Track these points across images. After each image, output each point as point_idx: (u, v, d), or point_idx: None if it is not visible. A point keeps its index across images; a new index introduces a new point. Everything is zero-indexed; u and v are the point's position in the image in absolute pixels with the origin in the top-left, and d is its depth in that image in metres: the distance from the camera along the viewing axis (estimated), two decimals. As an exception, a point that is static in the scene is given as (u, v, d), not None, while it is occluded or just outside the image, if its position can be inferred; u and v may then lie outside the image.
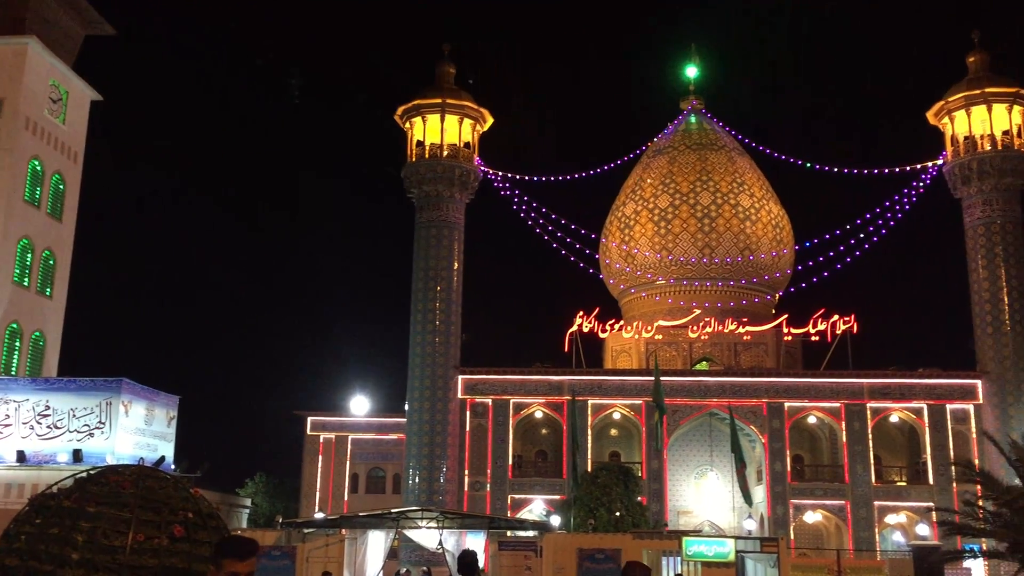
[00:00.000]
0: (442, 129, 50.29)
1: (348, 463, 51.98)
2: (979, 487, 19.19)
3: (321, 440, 52.27)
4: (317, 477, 51.65)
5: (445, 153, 49.93)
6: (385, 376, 68.43)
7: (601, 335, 50.78)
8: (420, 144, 50.70)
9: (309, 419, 52.84)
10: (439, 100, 50.23)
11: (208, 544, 6.46)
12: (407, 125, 51.45)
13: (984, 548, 25.89)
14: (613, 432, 50.54)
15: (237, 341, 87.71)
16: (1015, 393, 44.81)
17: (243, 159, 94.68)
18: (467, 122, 50.89)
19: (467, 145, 50.84)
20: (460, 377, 47.90)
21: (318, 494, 51.16)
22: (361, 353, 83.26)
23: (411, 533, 28.25)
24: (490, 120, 51.63)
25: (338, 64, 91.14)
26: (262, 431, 70.49)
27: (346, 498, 50.94)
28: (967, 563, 32.77)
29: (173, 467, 43.33)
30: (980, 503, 19.85)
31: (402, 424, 48.98)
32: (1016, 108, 48.11)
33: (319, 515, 43.86)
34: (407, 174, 50.31)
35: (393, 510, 28.74)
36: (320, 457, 51.94)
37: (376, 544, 27.79)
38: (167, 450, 31.45)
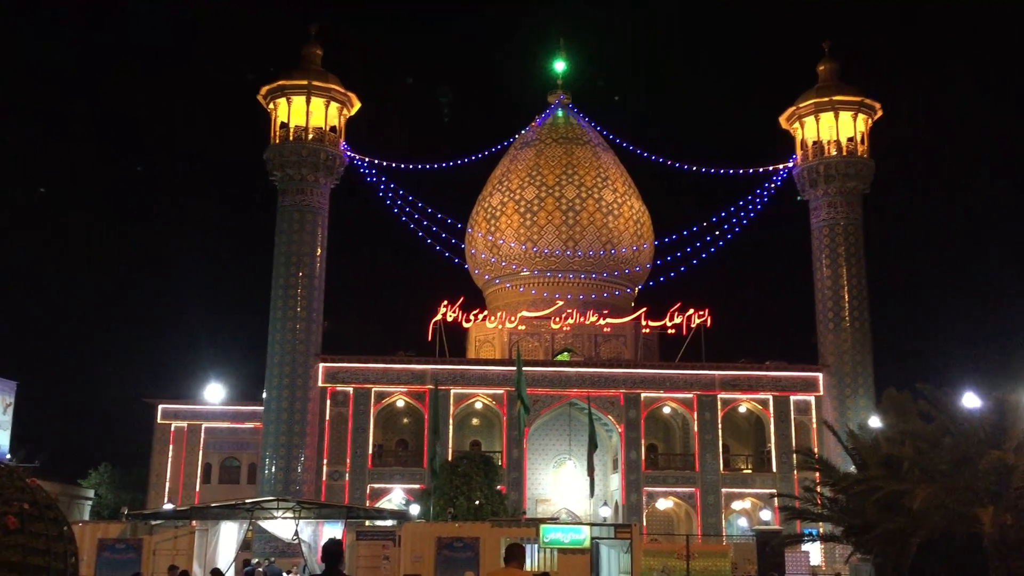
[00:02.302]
0: (308, 112, 49.20)
1: (201, 452, 50.27)
2: (818, 474, 20.24)
3: (172, 429, 50.33)
4: (167, 467, 49.71)
5: (310, 136, 48.89)
6: (242, 363, 66.43)
7: (465, 325, 50.94)
8: (284, 126, 49.45)
9: (160, 407, 50.78)
10: (305, 82, 49.12)
11: (44, 536, 6.08)
12: (271, 106, 50.07)
13: (821, 532, 27.41)
14: (475, 421, 50.82)
15: (82, 324, 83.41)
16: (852, 386, 47.59)
17: (90, 134, 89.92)
18: (334, 105, 49.95)
19: (333, 129, 49.93)
20: (321, 365, 47.09)
21: (168, 485, 49.25)
22: (217, 339, 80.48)
23: (266, 524, 27.56)
24: (357, 105, 50.85)
25: (200, 42, 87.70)
26: (108, 419, 67.15)
27: (198, 489, 49.25)
28: (805, 546, 34.55)
29: (8, 456, 40.93)
30: (819, 490, 20.91)
31: (259, 413, 47.79)
32: (861, 116, 50.95)
33: (168, 506, 42.25)
34: (270, 156, 49.00)
35: (247, 500, 27.98)
36: (171, 446, 50.00)
37: (228, 536, 26.99)
38: (2, 438, 29.61)
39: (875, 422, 32.87)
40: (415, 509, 39.84)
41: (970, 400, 27.18)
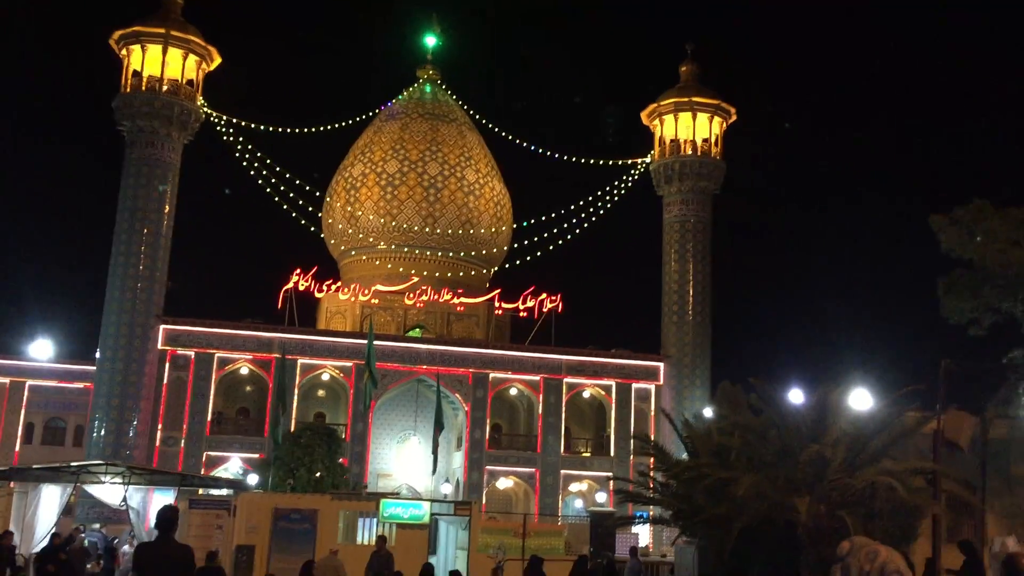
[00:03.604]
0: (163, 62, 47.00)
1: (23, 411, 47.43)
2: (652, 460, 21.05)
3: (-7, 385, 47.28)
4: (-15, 425, 46.70)
5: (164, 88, 46.73)
6: (76, 320, 62.89)
7: (317, 295, 50.08)
8: (137, 75, 47.10)
9: (-21, 361, 47.60)
10: (163, 30, 46.87)
11: None
12: (123, 52, 47.55)
13: (652, 515, 28.51)
14: (320, 393, 50.08)
15: None
16: (690, 376, 49.63)
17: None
18: (192, 58, 47.92)
19: (190, 83, 47.91)
20: (161, 327, 45.25)
21: (-16, 444, 46.29)
22: (48, 294, 76.01)
23: (92, 488, 26.33)
24: (218, 60, 48.94)
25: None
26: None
27: (17, 448, 46.49)
28: (635, 528, 35.92)
29: None
30: (652, 474, 21.72)
31: (91, 372, 45.53)
32: (716, 119, 52.98)
33: (-16, 466, 39.70)
34: (119, 105, 46.59)
35: (73, 463, 26.63)
36: (-9, 403, 46.97)
37: (50, 500, 25.61)
38: None
39: (710, 413, 34.46)
40: (253, 479, 38.97)
41: (796, 396, 28.84)
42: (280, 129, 51.11)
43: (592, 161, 53.59)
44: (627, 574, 21.79)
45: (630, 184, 53.49)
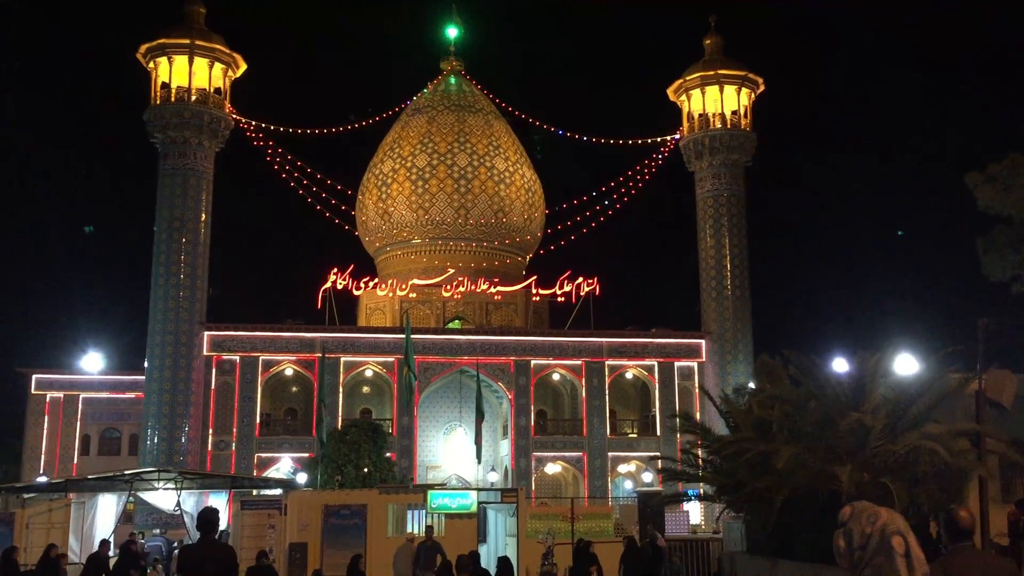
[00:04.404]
0: (190, 72, 47.57)
1: (79, 424, 48.61)
2: (681, 436, 21.00)
3: (48, 399, 48.48)
4: (43, 439, 47.91)
5: (193, 98, 47.34)
6: (123, 332, 64.15)
7: (355, 293, 50.53)
8: (166, 87, 47.74)
9: (34, 376, 48.78)
10: (187, 40, 47.44)
11: None
12: (151, 65, 48.21)
13: (702, 492, 28.45)
14: (365, 389, 50.60)
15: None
16: (732, 352, 49.30)
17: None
18: (218, 67, 48.45)
19: (218, 91, 48.45)
20: (206, 333, 46.00)
21: (43, 457, 47.49)
22: (96, 308, 77.48)
23: (146, 495, 26.90)
24: (243, 66, 49.44)
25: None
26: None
27: (75, 461, 47.65)
28: (686, 506, 35.85)
29: None
30: (698, 452, 21.66)
31: (140, 382, 46.43)
32: (744, 90, 52.38)
33: (41, 479, 40.76)
34: (150, 118, 47.28)
35: (126, 472, 27.23)
36: (46, 417, 48.18)
37: (107, 508, 26.23)
38: None
39: (753, 387, 34.20)
40: (302, 478, 39.52)
41: (839, 365, 28.54)
42: (309, 131, 51.64)
43: (621, 141, 53.37)
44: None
45: (660, 162, 53.20)
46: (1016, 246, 26.25)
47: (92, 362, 49.41)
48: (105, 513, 26.27)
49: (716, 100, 52.07)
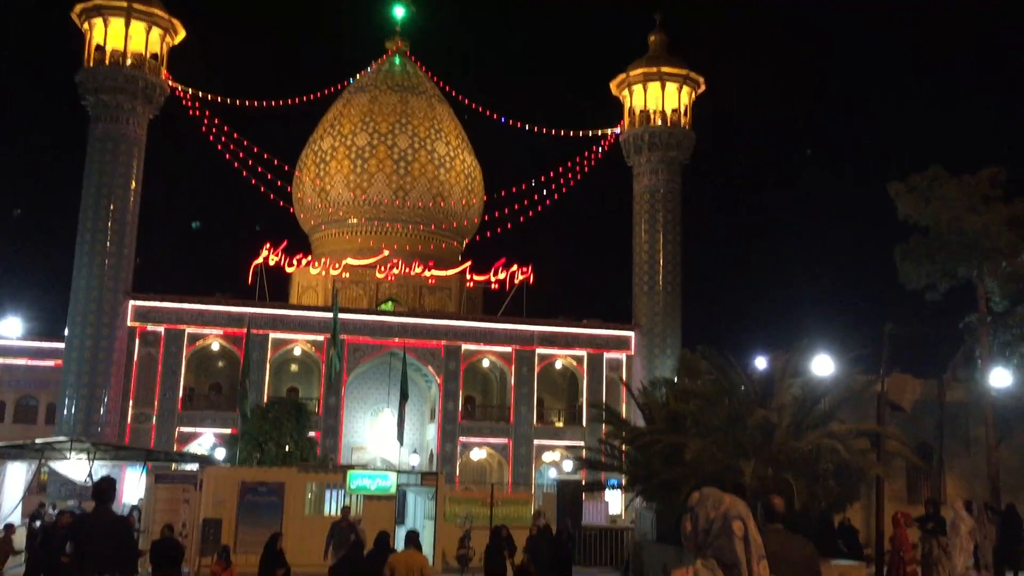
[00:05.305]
0: (127, 35, 46.41)
1: (-6, 390, 47.27)
2: (607, 428, 21.35)
3: (-38, 364, 47.03)
4: (-45, 404, 46.51)
5: (128, 61, 46.19)
6: (44, 297, 62.59)
7: (288, 269, 49.97)
8: (100, 49, 46.50)
9: (-52, 340, 47.30)
10: (125, 3, 46.19)
11: None
12: (85, 26, 46.92)
13: (623, 482, 28.91)
14: (293, 368, 50.12)
15: None
16: (660, 346, 49.99)
17: None
18: (156, 31, 47.35)
19: (155, 56, 47.37)
20: (131, 303, 45.07)
21: (-45, 423, 46.12)
22: (16, 271, 75.41)
23: (58, 465, 26.39)
24: (182, 33, 48.40)
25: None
26: None
27: (-11, 428, 46.35)
28: (608, 495, 36.40)
29: None
30: (613, 441, 22.01)
31: (61, 350, 45.31)
32: (685, 89, 52.99)
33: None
34: (83, 80, 46.01)
35: (38, 440, 26.65)
36: (-40, 383, 46.75)
37: (16, 477, 25.70)
38: None
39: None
40: (221, 453, 39.05)
41: (760, 363, 29.13)
42: (248, 103, 50.76)
43: (562, 132, 53.58)
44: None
45: (600, 155, 53.57)
46: (932, 255, 27.12)
47: (10, 327, 48.08)
48: (14, 482, 25.69)
49: (657, 97, 52.58)
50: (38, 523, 22.72)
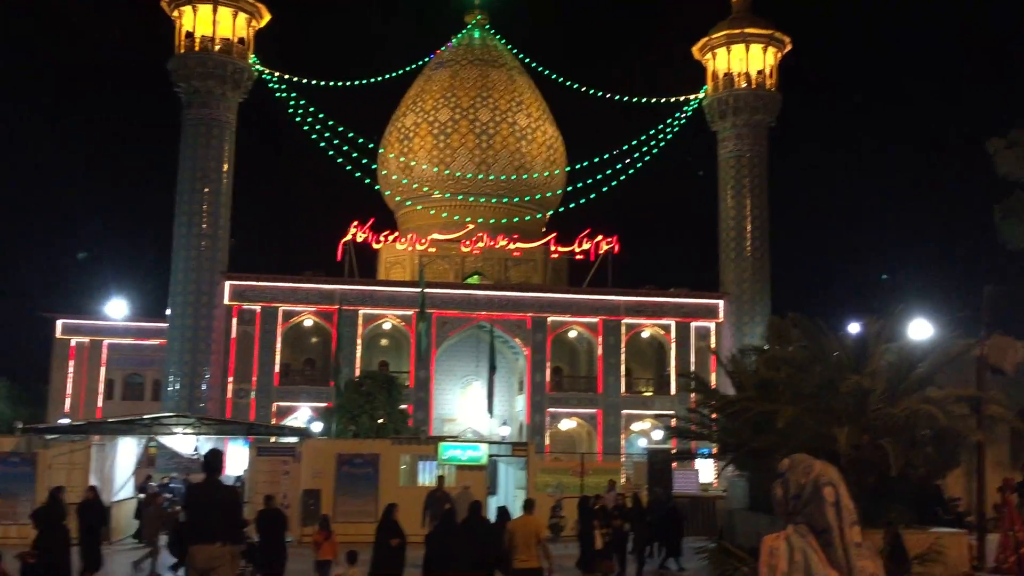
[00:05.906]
0: (214, 21, 47.62)
1: (103, 369, 49.53)
2: (697, 396, 21.25)
3: (73, 344, 49.39)
4: (67, 383, 48.91)
5: (217, 47, 47.42)
6: (147, 279, 65.03)
7: (375, 246, 50.86)
8: (190, 36, 47.82)
9: (59, 322, 49.67)
10: (212, -10, 47.35)
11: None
12: (175, 14, 48.27)
13: (714, 451, 28.78)
14: (384, 342, 51.11)
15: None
16: (750, 313, 49.29)
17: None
18: (242, 16, 48.44)
19: (241, 41, 48.50)
20: (227, 283, 46.56)
21: (68, 401, 48.52)
22: (120, 255, 78.57)
23: (165, 440, 27.60)
24: (267, 16, 49.38)
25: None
26: (4, 333, 65.24)
27: (100, 405, 48.66)
28: (698, 463, 36.23)
29: None
30: (707, 411, 21.86)
31: (164, 329, 47.15)
32: (770, 50, 51.70)
33: (63, 421, 41.75)
34: (175, 67, 47.44)
35: (146, 416, 27.90)
36: (71, 362, 49.13)
37: (127, 451, 26.96)
38: None
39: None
40: (317, 427, 40.22)
41: (853, 328, 28.55)
42: (332, 83, 51.60)
43: (644, 100, 52.96)
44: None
45: (683, 121, 52.80)
46: (1034, 213, 26.07)
47: (116, 308, 50.19)
48: (125, 456, 26.98)
49: (742, 59, 51.44)
50: (142, 496, 23.86)
